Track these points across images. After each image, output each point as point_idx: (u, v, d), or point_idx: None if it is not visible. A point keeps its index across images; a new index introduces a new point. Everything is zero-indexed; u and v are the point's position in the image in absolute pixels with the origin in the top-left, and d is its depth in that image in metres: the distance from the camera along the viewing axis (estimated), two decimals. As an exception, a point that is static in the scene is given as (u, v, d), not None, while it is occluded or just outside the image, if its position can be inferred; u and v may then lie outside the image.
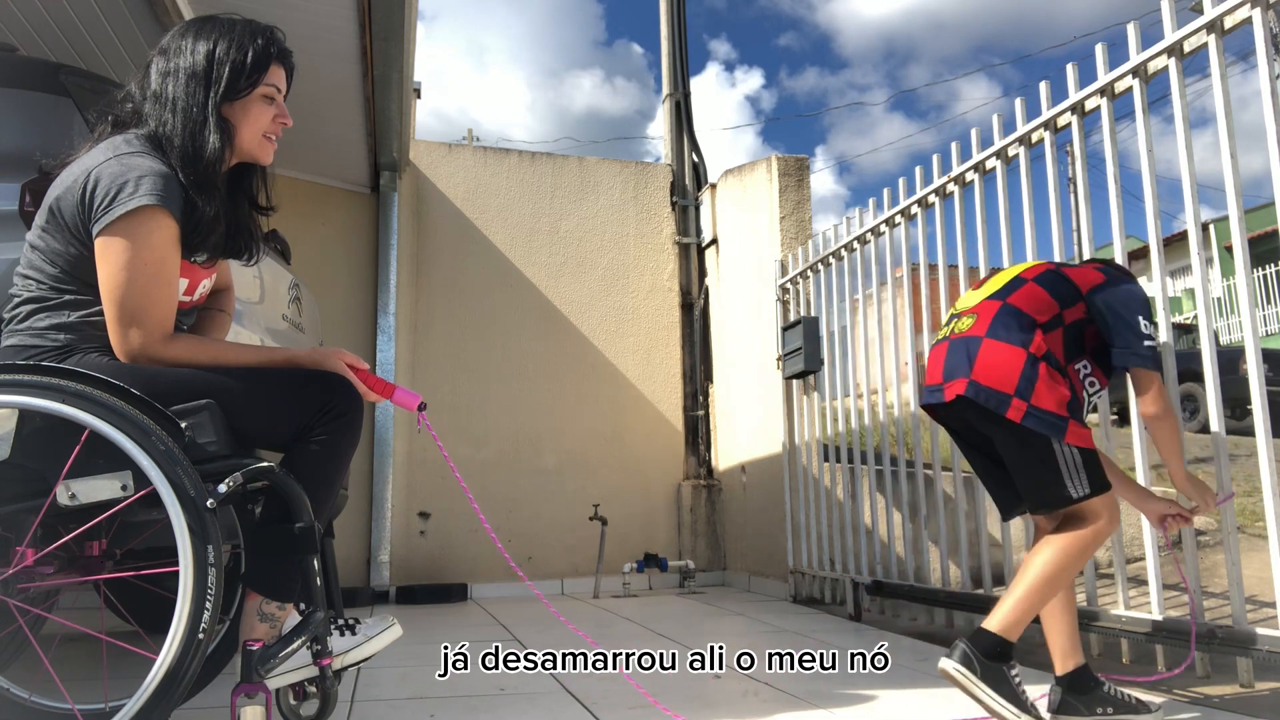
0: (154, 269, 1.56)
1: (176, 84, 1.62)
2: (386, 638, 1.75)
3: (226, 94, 1.63)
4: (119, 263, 1.54)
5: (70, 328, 1.60)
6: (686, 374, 5.53)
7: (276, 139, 1.74)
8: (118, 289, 1.55)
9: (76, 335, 1.60)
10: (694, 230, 5.68)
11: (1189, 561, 2.27)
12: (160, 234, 1.56)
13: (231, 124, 1.65)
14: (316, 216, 5.07)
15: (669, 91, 5.91)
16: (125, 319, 1.55)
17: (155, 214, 1.54)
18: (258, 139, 1.70)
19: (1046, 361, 1.85)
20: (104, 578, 1.69)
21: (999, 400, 1.83)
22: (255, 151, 1.71)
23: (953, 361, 1.93)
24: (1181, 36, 2.28)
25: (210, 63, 1.62)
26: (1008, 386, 1.83)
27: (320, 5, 3.45)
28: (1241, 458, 4.92)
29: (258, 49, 1.65)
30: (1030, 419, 1.81)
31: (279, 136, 1.74)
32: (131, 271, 1.54)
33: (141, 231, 1.54)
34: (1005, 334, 1.88)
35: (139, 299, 1.55)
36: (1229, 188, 2.13)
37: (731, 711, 2.07)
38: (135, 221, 1.53)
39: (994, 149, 2.95)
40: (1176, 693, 2.18)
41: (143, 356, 1.57)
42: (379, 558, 4.78)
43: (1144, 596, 2.51)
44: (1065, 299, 1.94)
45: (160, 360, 1.58)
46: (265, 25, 1.70)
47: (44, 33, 3.34)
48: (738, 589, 4.89)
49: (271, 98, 1.69)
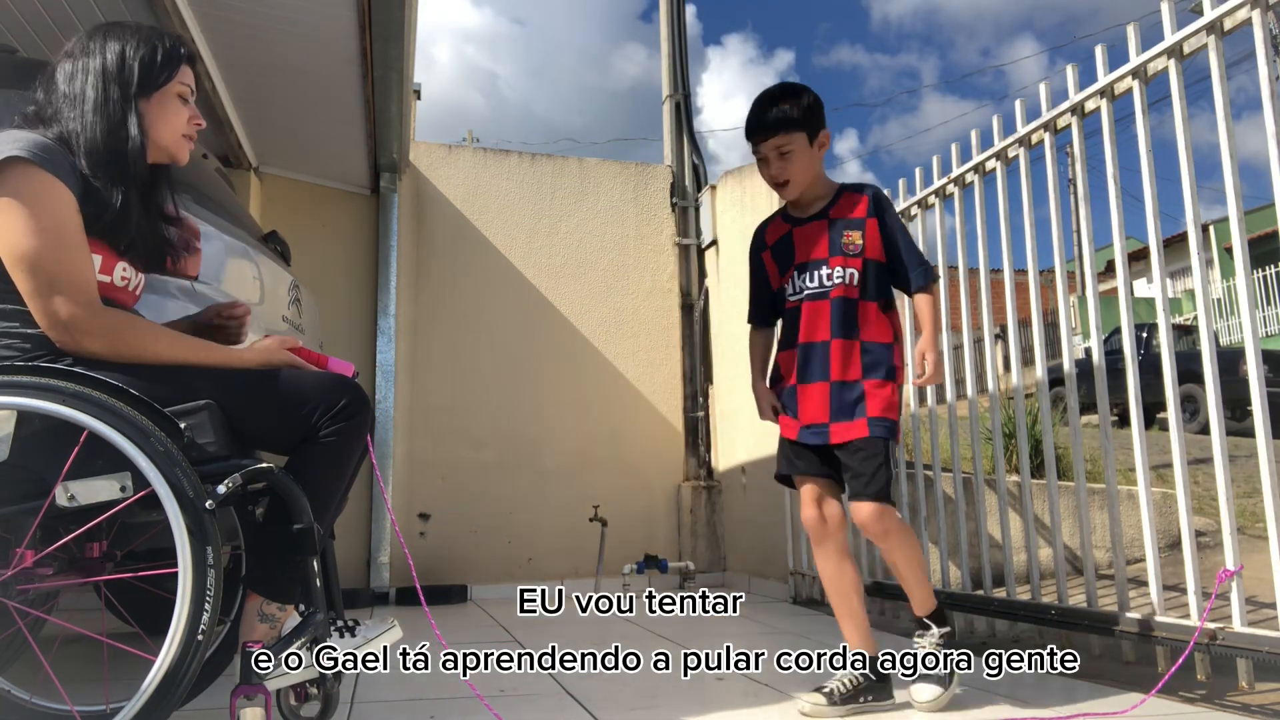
0: (55, 233, 1.47)
1: (87, 82, 1.59)
2: (386, 639, 1.75)
3: (141, 89, 1.61)
4: (16, 228, 1.45)
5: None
6: (686, 375, 5.53)
7: (193, 141, 1.74)
8: (25, 257, 1.46)
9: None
10: (694, 231, 5.68)
11: (1189, 562, 2.27)
12: (49, 197, 1.48)
13: (147, 120, 1.63)
14: (316, 218, 5.07)
15: (669, 93, 5.91)
16: (44, 288, 1.47)
17: (33, 171, 1.47)
18: (176, 137, 1.69)
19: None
20: (103, 579, 1.69)
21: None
22: (174, 149, 1.69)
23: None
24: (1181, 38, 2.28)
25: (122, 60, 1.61)
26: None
27: (320, 6, 3.45)
28: (1241, 458, 4.92)
29: (167, 48, 1.66)
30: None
31: (194, 139, 1.74)
32: (34, 236, 1.46)
33: (27, 192, 1.46)
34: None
35: (51, 265, 1.47)
36: (1229, 188, 2.13)
37: (732, 712, 2.07)
38: (14, 178, 1.46)
39: (994, 150, 2.95)
40: (1180, 694, 2.18)
41: (74, 328, 1.50)
42: (379, 559, 4.78)
43: (1144, 597, 2.51)
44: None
45: (92, 332, 1.51)
46: (171, 31, 1.74)
47: (44, 33, 3.34)
48: (738, 590, 4.89)
49: (186, 98, 1.69)
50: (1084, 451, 2.78)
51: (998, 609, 2.88)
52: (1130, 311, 2.50)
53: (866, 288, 2.17)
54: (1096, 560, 3.87)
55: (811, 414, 2.20)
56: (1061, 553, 2.70)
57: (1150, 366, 8.59)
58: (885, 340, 2.18)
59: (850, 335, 2.16)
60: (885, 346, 2.17)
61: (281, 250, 3.35)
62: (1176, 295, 19.56)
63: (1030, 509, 2.89)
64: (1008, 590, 2.90)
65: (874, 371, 2.15)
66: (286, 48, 3.76)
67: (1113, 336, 10.91)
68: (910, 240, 2.22)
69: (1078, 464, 2.64)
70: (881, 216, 2.20)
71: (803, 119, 2.17)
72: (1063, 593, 2.65)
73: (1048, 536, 3.82)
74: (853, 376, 2.15)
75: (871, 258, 2.18)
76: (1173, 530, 4.15)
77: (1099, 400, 2.59)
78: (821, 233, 2.22)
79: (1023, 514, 2.95)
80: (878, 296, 2.19)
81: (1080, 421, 2.75)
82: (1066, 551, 3.97)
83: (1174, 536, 4.12)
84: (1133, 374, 2.39)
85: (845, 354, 2.15)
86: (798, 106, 2.17)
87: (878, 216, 2.20)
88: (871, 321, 2.17)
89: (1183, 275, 19.66)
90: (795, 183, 2.21)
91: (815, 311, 2.19)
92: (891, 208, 2.24)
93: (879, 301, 2.19)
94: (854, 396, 2.14)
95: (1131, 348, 2.41)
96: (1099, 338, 2.42)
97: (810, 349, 2.19)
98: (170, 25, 3.36)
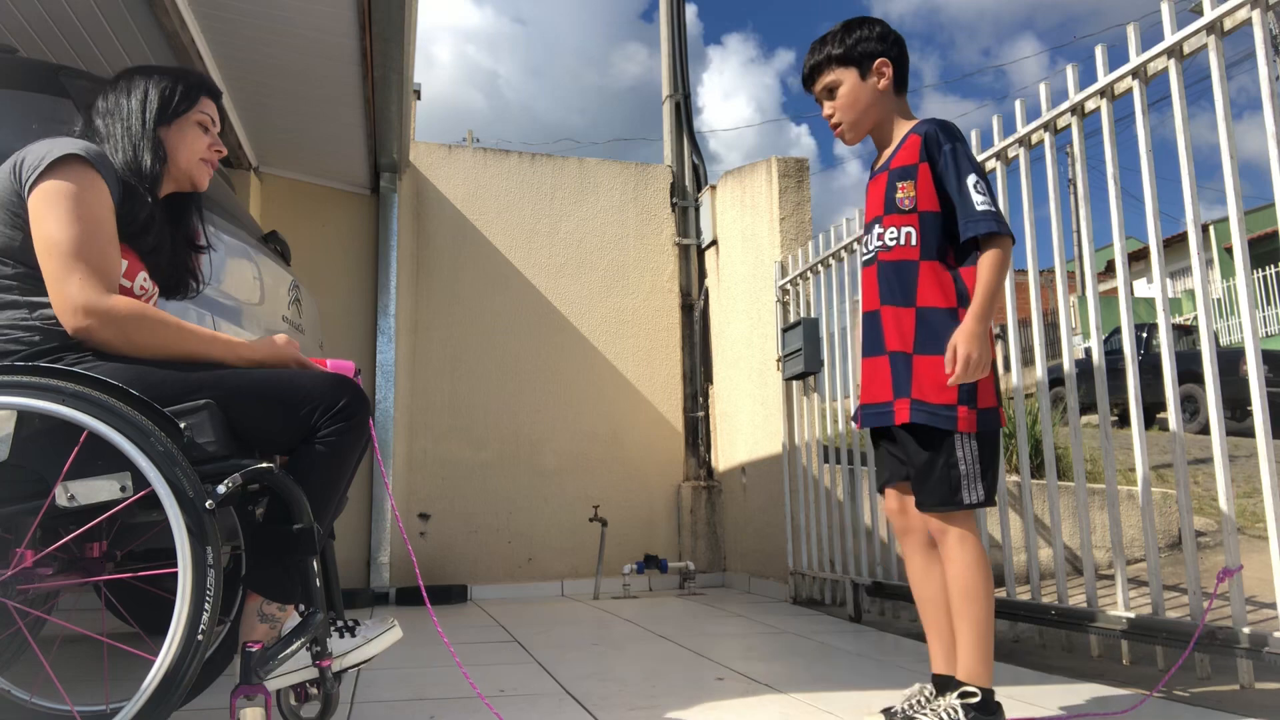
0: (91, 224, 1.58)
1: (119, 112, 1.76)
2: (387, 639, 1.75)
3: (160, 117, 1.76)
4: (54, 215, 1.55)
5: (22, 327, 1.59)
6: (686, 375, 5.53)
7: (213, 167, 1.88)
8: (59, 241, 1.55)
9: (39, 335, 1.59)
10: (694, 231, 5.68)
11: (1189, 562, 2.27)
12: (94, 192, 1.60)
13: (166, 145, 1.78)
14: (316, 218, 5.08)
15: (669, 93, 5.91)
16: (66, 270, 1.54)
17: (85, 169, 1.60)
18: (195, 161, 1.82)
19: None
20: (103, 579, 1.69)
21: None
22: (193, 173, 1.83)
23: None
24: (1181, 38, 2.28)
25: (146, 94, 1.78)
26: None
27: (320, 6, 3.45)
28: (1241, 458, 4.93)
29: (190, 81, 1.83)
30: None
31: (215, 165, 1.88)
32: (69, 223, 1.55)
33: (74, 186, 1.58)
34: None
35: (78, 247, 1.55)
36: (1229, 188, 2.13)
37: (732, 712, 2.07)
38: (65, 171, 1.58)
39: (994, 150, 2.95)
40: (1177, 692, 2.18)
41: (89, 310, 1.54)
42: (379, 559, 4.78)
43: (1144, 597, 2.51)
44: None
45: (104, 315, 1.54)
46: (196, 70, 1.92)
47: (44, 33, 3.34)
48: (738, 590, 4.89)
49: (206, 127, 1.84)
50: (1084, 451, 2.78)
51: (998, 610, 2.87)
52: (1130, 311, 2.50)
53: (928, 246, 1.84)
54: (1096, 560, 3.87)
55: (874, 391, 1.90)
56: (1061, 553, 2.70)
57: (1150, 366, 8.61)
58: (945, 306, 1.82)
59: (904, 301, 1.84)
60: (947, 313, 1.81)
61: (281, 250, 3.35)
62: (1176, 295, 19.57)
63: (1030, 509, 2.89)
64: (1008, 590, 2.90)
65: (929, 345, 1.81)
66: (287, 48, 3.76)
67: (1113, 336, 10.92)
68: (966, 185, 1.80)
69: (1078, 464, 2.64)
70: (932, 158, 1.85)
71: (847, 53, 1.91)
72: (1063, 593, 2.65)
73: (1048, 537, 3.83)
74: (908, 349, 1.83)
75: (926, 210, 1.84)
76: (1173, 530, 4.15)
77: (1099, 400, 2.59)
78: (881, 187, 1.92)
79: (1022, 514, 2.95)
80: (941, 255, 1.85)
81: (1080, 421, 2.75)
82: (1066, 551, 3.98)
83: (1174, 536, 4.13)
84: (1133, 374, 2.39)
85: (898, 323, 1.85)
86: (841, 41, 1.92)
87: (929, 159, 1.85)
88: (932, 284, 1.83)
89: (1183, 275, 19.66)
90: (846, 124, 1.94)
91: (869, 278, 1.94)
92: (949, 144, 1.84)
93: (941, 260, 1.85)
94: (909, 373, 1.83)
95: (1131, 348, 2.42)
96: (1099, 338, 2.42)
97: (872, 319, 1.92)
98: (170, 25, 3.36)
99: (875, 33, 1.92)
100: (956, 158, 1.83)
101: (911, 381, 1.81)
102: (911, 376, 1.81)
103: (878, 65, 1.91)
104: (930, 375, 1.79)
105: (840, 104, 1.94)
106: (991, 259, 1.77)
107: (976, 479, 1.77)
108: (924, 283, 1.83)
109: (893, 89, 1.94)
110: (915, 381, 1.80)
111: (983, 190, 1.80)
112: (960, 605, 1.76)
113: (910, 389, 1.81)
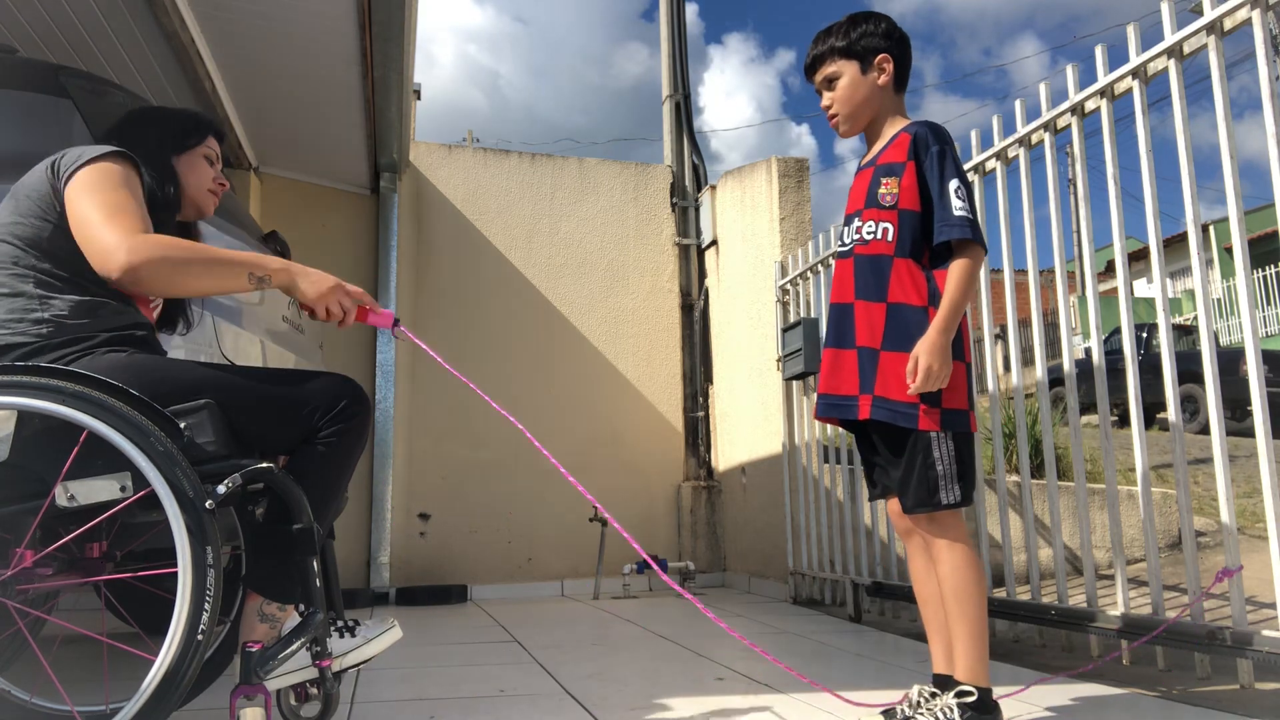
0: (133, 199, 1.65)
1: (141, 140, 1.86)
2: (387, 639, 1.75)
3: (174, 146, 1.89)
4: (97, 189, 1.62)
5: (45, 322, 1.60)
6: (686, 375, 5.53)
7: (217, 197, 1.99)
8: (96, 206, 1.60)
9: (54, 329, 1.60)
10: (694, 231, 5.68)
11: (1189, 562, 2.27)
12: (133, 183, 1.68)
13: (179, 173, 1.90)
14: (316, 218, 5.08)
15: (669, 93, 5.92)
16: (104, 223, 1.57)
17: (125, 164, 1.69)
18: (202, 191, 1.94)
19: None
20: (103, 579, 1.69)
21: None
22: (199, 199, 1.94)
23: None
24: (1181, 38, 2.28)
25: (163, 127, 1.92)
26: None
27: (320, 6, 3.45)
28: (1241, 458, 4.93)
29: (200, 119, 1.98)
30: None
31: (218, 196, 2.00)
32: (110, 191, 1.62)
33: (118, 169, 1.66)
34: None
35: (117, 210, 1.60)
36: (1229, 188, 2.13)
37: (732, 712, 2.07)
38: (109, 160, 1.66)
39: (994, 150, 2.95)
40: (1176, 691, 2.18)
41: (126, 248, 1.55)
42: (379, 559, 4.78)
43: (1144, 597, 2.51)
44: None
45: (140, 249, 1.55)
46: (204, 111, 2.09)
47: (44, 33, 3.34)
48: (738, 590, 4.89)
49: (212, 160, 1.96)
50: (1084, 451, 2.78)
51: (998, 609, 2.88)
52: (1130, 311, 2.50)
53: (903, 243, 1.85)
54: (1096, 560, 3.87)
55: (835, 383, 1.91)
56: (1061, 553, 2.70)
57: (1150, 366, 8.61)
58: (918, 304, 1.83)
59: (876, 296, 1.86)
60: (919, 310, 1.82)
61: (281, 250, 3.34)
62: (1176, 295, 19.57)
63: (1030, 509, 2.89)
64: (1008, 590, 2.90)
65: (897, 342, 1.82)
66: (286, 48, 3.76)
67: (1113, 336, 10.90)
68: (948, 188, 1.82)
69: (1078, 464, 2.64)
70: (919, 158, 1.86)
71: (850, 46, 1.92)
72: (1063, 593, 2.65)
73: (1048, 537, 3.83)
74: (876, 345, 1.84)
75: (906, 208, 1.86)
76: (1173, 530, 4.15)
77: (1099, 400, 2.59)
78: (865, 181, 1.94)
79: (1022, 514, 2.95)
80: (916, 254, 1.86)
81: (1080, 421, 2.75)
82: (1066, 551, 3.98)
83: (1174, 536, 4.13)
84: (1133, 374, 2.39)
85: (869, 317, 1.86)
86: (845, 34, 1.93)
87: (915, 159, 1.87)
88: (906, 281, 1.84)
89: (1183, 275, 19.66)
90: (842, 116, 1.96)
91: (842, 270, 1.95)
92: (937, 146, 1.86)
93: (916, 260, 1.86)
94: (874, 369, 1.84)
95: (1131, 348, 2.41)
96: (1099, 338, 2.42)
97: (841, 311, 1.93)
98: (170, 25, 3.36)
99: (880, 29, 1.94)
100: (943, 160, 1.85)
101: (876, 378, 1.83)
102: (876, 373, 1.83)
103: (879, 61, 1.93)
104: (895, 372, 1.81)
105: (839, 96, 1.96)
106: (960, 269, 1.80)
107: (953, 480, 1.80)
108: (897, 279, 1.85)
109: (892, 86, 1.96)
110: (880, 378, 1.83)
111: (963, 196, 1.82)
112: (952, 606, 1.78)
113: (874, 385, 1.83)
